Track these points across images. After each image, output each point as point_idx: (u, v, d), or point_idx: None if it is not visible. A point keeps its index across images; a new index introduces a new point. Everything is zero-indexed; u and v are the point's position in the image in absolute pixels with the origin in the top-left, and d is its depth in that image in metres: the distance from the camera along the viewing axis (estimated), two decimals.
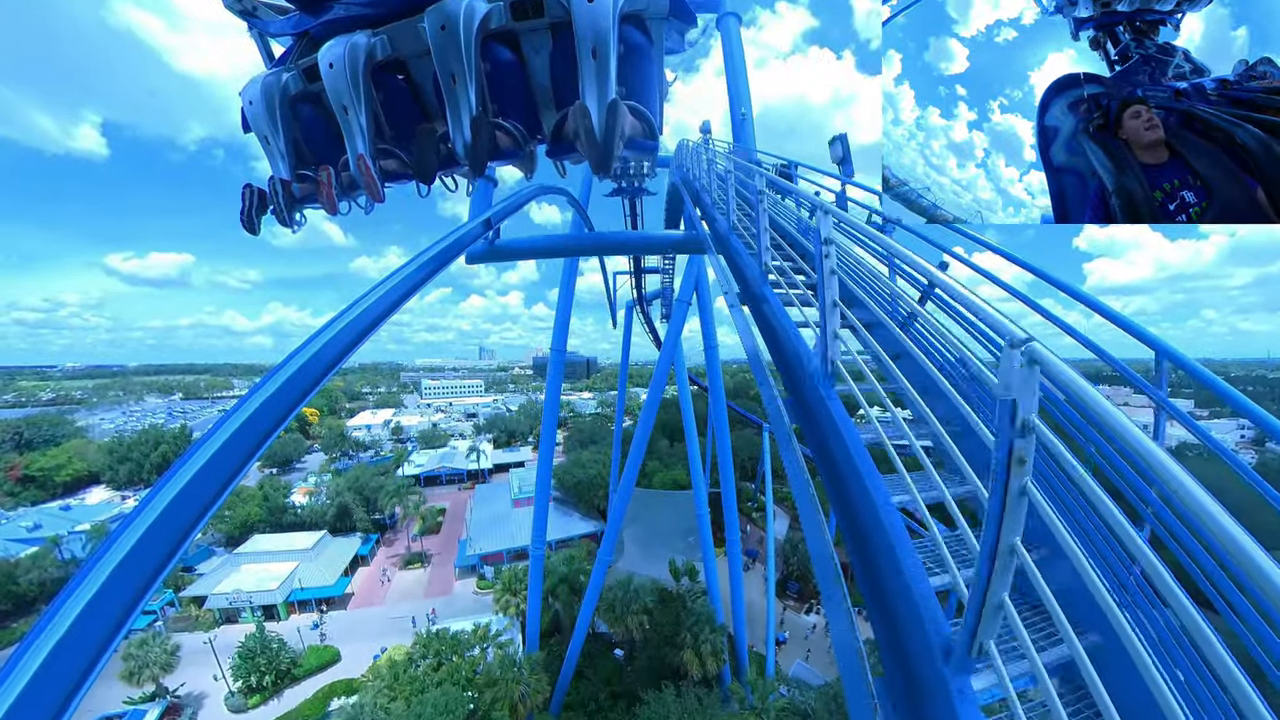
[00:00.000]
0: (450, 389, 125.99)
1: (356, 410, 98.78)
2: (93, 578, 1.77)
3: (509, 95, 2.55)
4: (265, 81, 2.73)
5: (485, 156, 2.42)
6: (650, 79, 2.61)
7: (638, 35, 2.47)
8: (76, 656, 1.64)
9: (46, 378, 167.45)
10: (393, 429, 78.88)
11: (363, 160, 2.56)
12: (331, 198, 2.74)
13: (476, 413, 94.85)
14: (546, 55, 2.51)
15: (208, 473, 2.15)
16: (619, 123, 2.23)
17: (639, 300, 30.90)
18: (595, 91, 2.29)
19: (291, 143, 2.82)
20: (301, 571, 35.42)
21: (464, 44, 2.28)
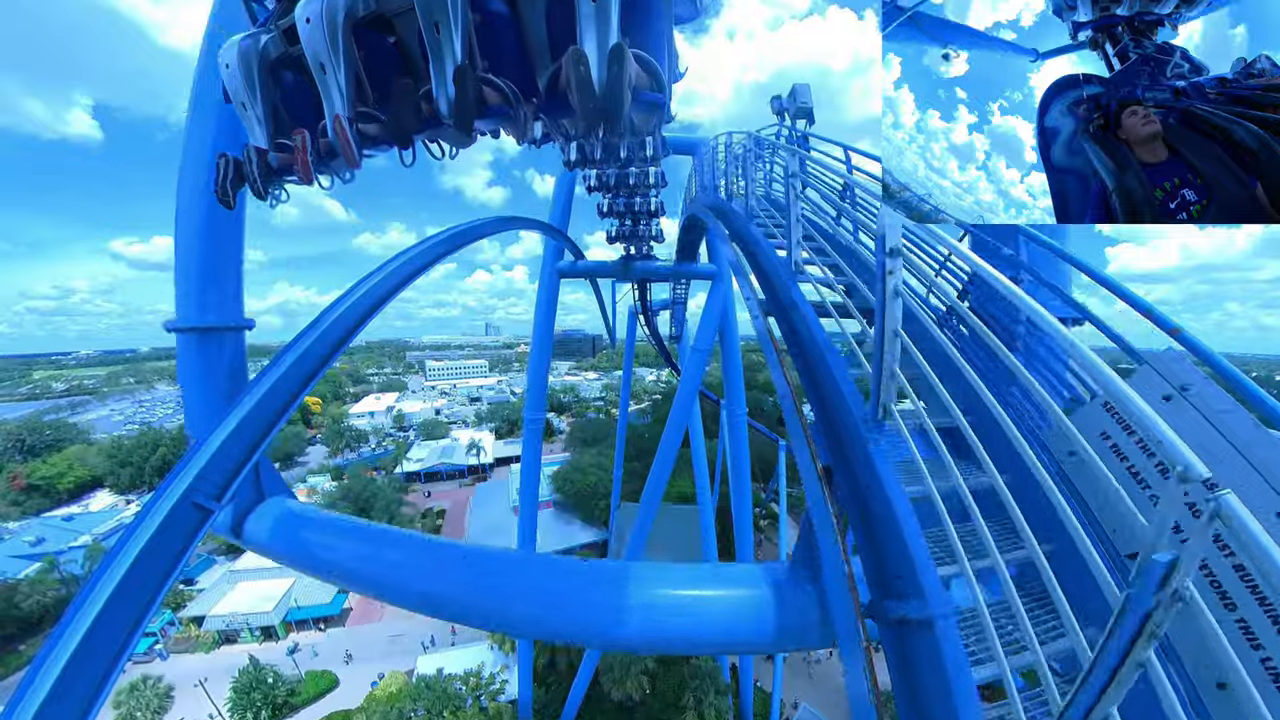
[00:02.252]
0: (455, 370, 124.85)
1: (361, 395, 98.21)
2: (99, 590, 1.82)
3: (501, 51, 2.27)
4: (242, 44, 2.47)
5: (470, 113, 2.13)
6: (659, 35, 2.25)
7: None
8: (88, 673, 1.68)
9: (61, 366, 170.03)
10: (395, 417, 78.00)
11: (339, 120, 2.27)
12: (307, 165, 2.43)
13: (480, 396, 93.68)
14: (542, 7, 2.22)
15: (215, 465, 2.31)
16: (625, 69, 1.91)
17: (644, 313, 27.47)
18: (594, 37, 1.99)
19: (270, 109, 2.55)
20: (298, 588, 34.80)
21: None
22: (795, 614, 3.01)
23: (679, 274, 16.12)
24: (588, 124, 2.08)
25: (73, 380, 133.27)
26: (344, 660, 29.98)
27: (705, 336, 15.09)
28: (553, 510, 39.76)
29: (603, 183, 10.63)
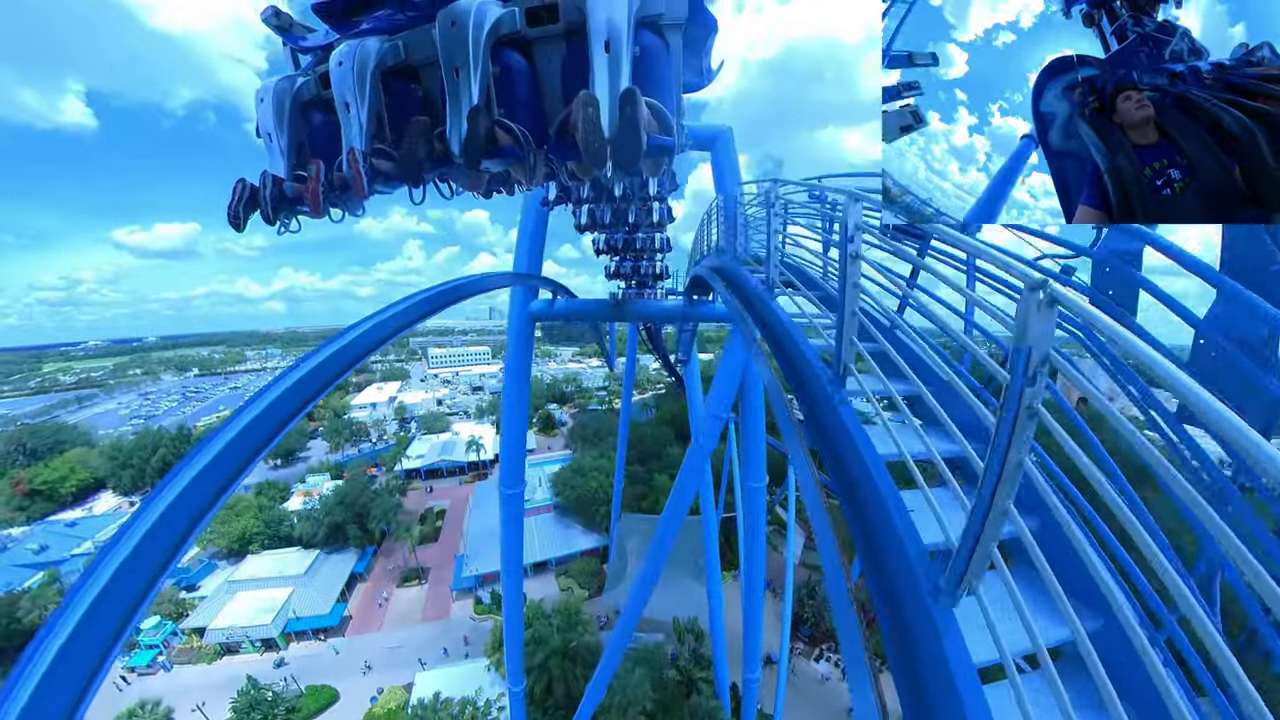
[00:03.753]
0: (457, 357, 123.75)
1: (363, 385, 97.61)
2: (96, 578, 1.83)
3: (516, 99, 2.38)
4: (278, 84, 2.71)
5: (479, 151, 2.22)
6: (667, 85, 2.36)
7: (654, 39, 2.30)
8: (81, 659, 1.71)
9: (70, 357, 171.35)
10: (396, 409, 77.30)
11: (354, 153, 2.39)
12: (316, 195, 2.53)
13: (482, 385, 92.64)
14: (559, 61, 2.39)
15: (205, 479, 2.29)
16: (639, 112, 2.02)
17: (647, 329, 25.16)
18: (606, 83, 2.15)
19: (294, 143, 2.75)
20: (296, 598, 34.40)
21: (471, 40, 2.20)
22: None
23: (687, 316, 12.51)
24: (592, 164, 2.13)
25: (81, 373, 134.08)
26: (362, 671, 29.55)
27: (722, 399, 11.46)
28: (553, 514, 38.77)
29: (596, 220, 9.49)
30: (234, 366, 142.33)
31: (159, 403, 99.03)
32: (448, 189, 2.97)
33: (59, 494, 50.69)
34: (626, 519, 34.09)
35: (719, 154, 12.35)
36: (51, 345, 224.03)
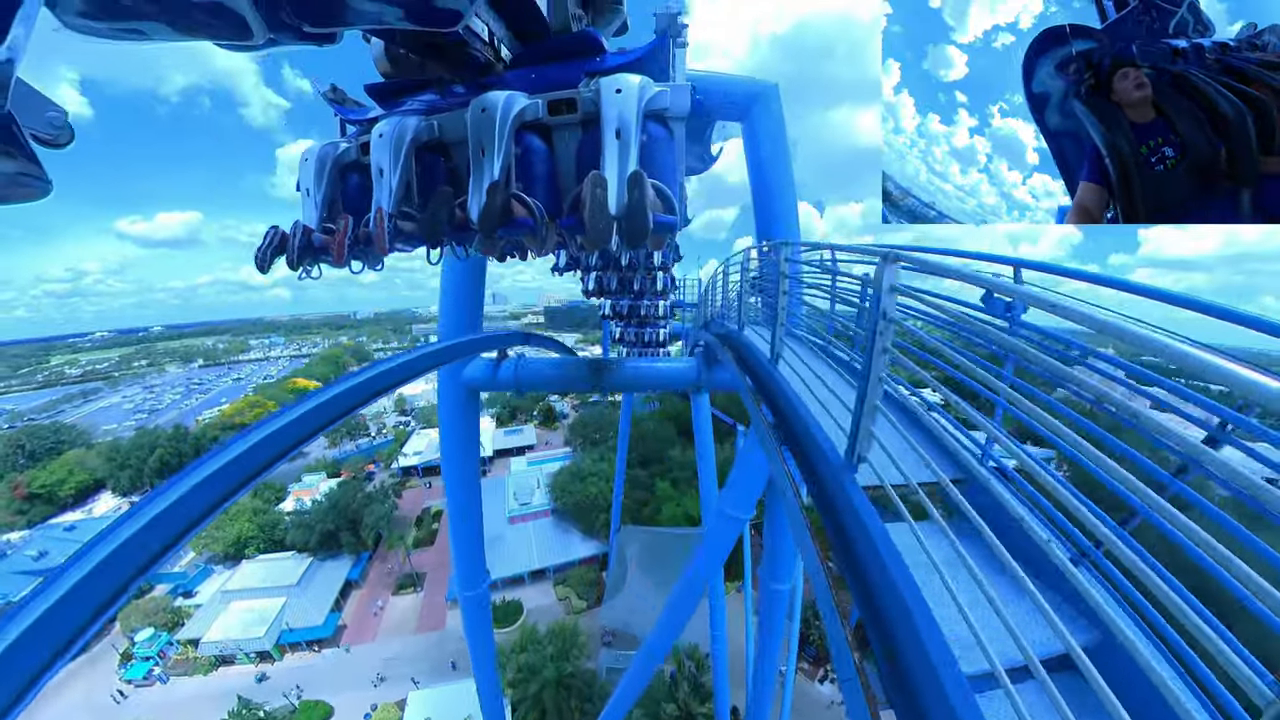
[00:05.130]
0: None
1: None
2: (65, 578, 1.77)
3: (533, 176, 2.62)
4: (323, 148, 2.96)
5: (495, 220, 2.41)
6: (671, 170, 2.55)
7: (660, 130, 2.53)
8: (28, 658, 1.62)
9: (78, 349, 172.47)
10: (396, 400, 76.22)
11: (381, 212, 2.61)
12: (341, 246, 2.69)
13: None
14: (574, 146, 2.63)
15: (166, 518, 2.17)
16: (645, 193, 2.21)
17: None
18: (616, 166, 2.37)
19: (328, 199, 2.97)
20: (290, 608, 33.68)
21: (499, 123, 2.45)
22: None
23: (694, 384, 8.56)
24: (597, 239, 2.25)
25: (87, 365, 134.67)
26: (373, 684, 28.80)
27: (740, 498, 7.84)
28: (551, 519, 37.44)
29: (603, 286, 10.05)
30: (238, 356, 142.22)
31: (162, 396, 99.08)
32: (463, 251, 3.25)
33: (58, 497, 50.39)
34: (627, 531, 32.56)
35: (757, 123, 7.86)
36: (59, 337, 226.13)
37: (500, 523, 37.90)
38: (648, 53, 2.80)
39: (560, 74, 2.71)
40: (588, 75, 2.66)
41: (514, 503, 38.58)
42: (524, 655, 23.14)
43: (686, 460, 35.34)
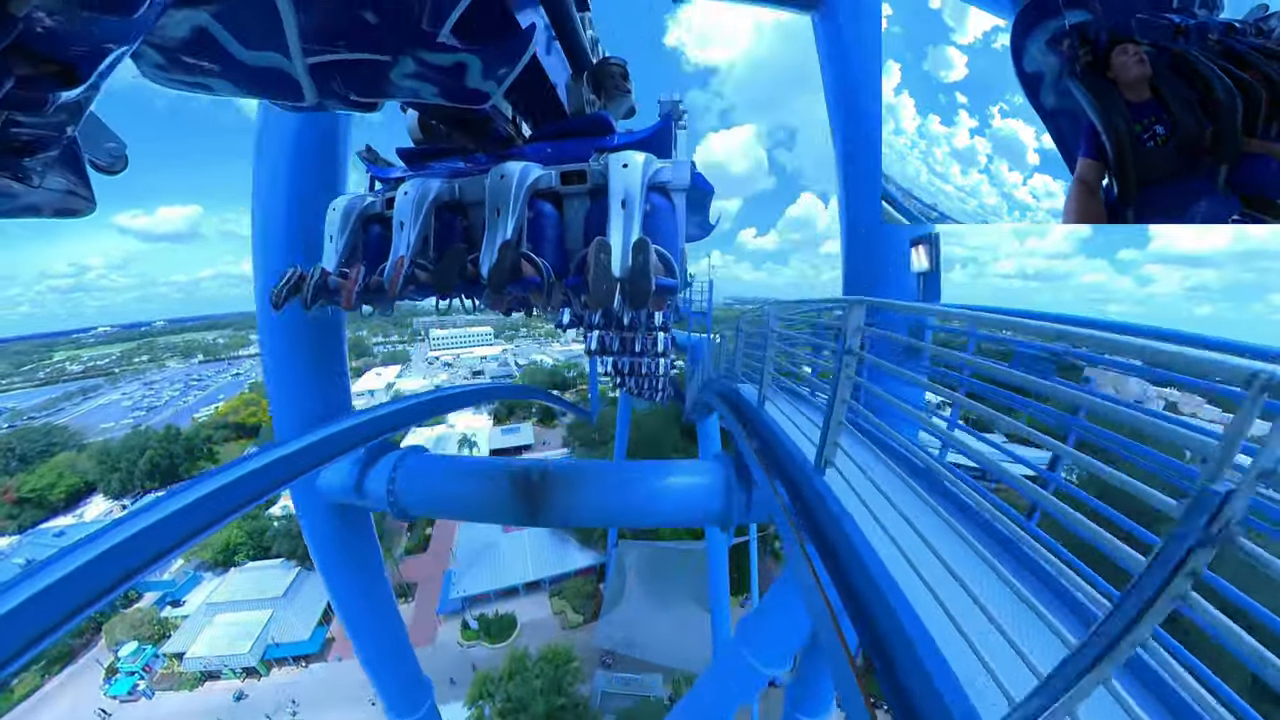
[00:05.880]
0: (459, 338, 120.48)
1: (362, 370, 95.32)
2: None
3: (544, 238, 2.77)
4: (351, 200, 3.20)
5: (504, 277, 2.54)
6: (672, 236, 2.71)
7: (662, 200, 2.68)
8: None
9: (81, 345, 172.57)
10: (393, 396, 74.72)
11: (401, 260, 2.75)
12: (350, 291, 2.85)
13: (483, 369, 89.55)
14: (583, 213, 2.81)
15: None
16: (649, 258, 2.32)
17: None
18: (621, 232, 2.49)
19: (348, 247, 3.17)
20: (277, 621, 32.46)
21: (514, 189, 2.64)
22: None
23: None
24: (599, 301, 2.34)
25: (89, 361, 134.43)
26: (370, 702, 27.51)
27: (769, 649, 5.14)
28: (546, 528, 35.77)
29: (605, 345, 10.73)
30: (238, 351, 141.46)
31: (161, 392, 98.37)
32: (471, 304, 3.33)
33: (48, 501, 49.47)
34: (625, 545, 30.89)
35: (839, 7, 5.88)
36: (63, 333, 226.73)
37: (494, 531, 36.34)
38: (653, 133, 3.02)
39: (573, 149, 2.94)
40: (598, 151, 2.86)
41: None
42: (513, 683, 21.58)
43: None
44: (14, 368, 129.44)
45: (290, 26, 1.42)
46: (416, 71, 1.75)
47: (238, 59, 1.47)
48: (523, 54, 1.94)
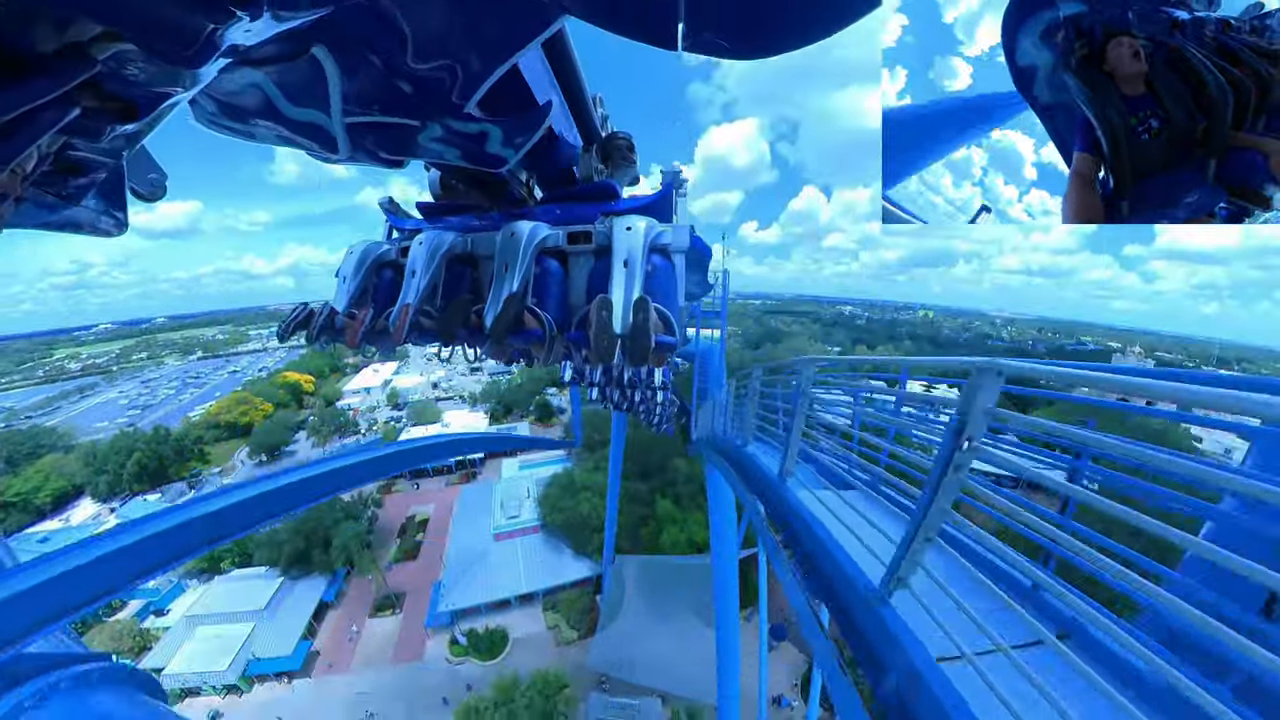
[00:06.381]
0: None
1: (360, 366, 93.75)
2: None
3: (548, 293, 2.86)
4: (368, 245, 3.27)
5: (506, 328, 2.62)
6: (673, 295, 2.77)
7: (663, 260, 2.77)
8: None
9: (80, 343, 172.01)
10: (389, 394, 73.15)
11: (408, 307, 2.82)
12: (355, 332, 2.91)
13: (481, 365, 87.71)
14: (587, 271, 2.88)
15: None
16: (649, 317, 2.38)
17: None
18: (623, 290, 2.55)
19: (359, 289, 3.20)
20: (259, 634, 30.96)
21: (523, 246, 2.74)
22: None
23: None
24: (600, 357, 2.39)
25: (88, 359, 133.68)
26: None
27: None
28: (541, 535, 34.01)
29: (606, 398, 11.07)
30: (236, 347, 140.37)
31: (158, 390, 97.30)
32: (474, 353, 3.47)
33: (33, 504, 48.22)
34: (622, 562, 29.01)
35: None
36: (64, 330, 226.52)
37: (485, 537, 34.59)
38: (655, 200, 3.19)
39: (581, 212, 3.09)
40: (603, 215, 3.01)
41: (501, 517, 35.15)
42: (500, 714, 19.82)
43: (693, 472, 31.44)
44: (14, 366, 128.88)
45: (335, 90, 1.63)
46: (443, 136, 2.02)
47: (284, 114, 1.69)
48: (539, 126, 2.26)
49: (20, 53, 0.88)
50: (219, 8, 0.90)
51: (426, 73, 1.60)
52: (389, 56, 1.54)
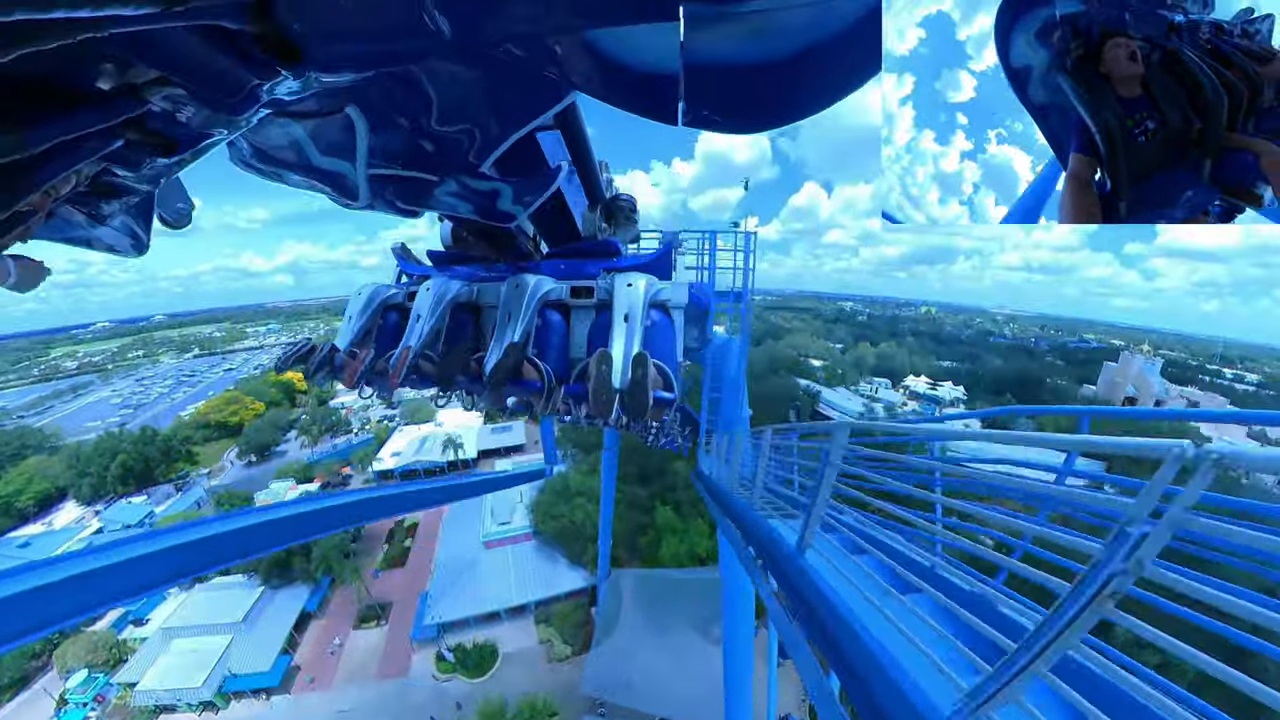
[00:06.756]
0: None
1: None
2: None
3: (548, 344, 2.91)
4: (377, 287, 3.34)
5: (504, 377, 2.64)
6: (671, 350, 2.85)
7: (662, 316, 2.84)
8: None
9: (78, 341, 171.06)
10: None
11: (408, 350, 2.87)
12: (354, 372, 2.92)
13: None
14: (588, 324, 2.94)
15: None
16: (648, 373, 2.40)
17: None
18: (622, 345, 2.58)
19: (363, 329, 3.25)
20: (236, 648, 29.42)
21: (527, 299, 2.80)
22: None
23: None
24: (598, 412, 2.39)
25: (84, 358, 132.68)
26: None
27: None
28: (533, 544, 32.23)
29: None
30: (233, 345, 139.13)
31: (151, 388, 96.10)
32: (471, 400, 3.47)
33: (15, 508, 46.84)
34: (619, 577, 27.15)
35: None
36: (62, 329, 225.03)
37: (475, 545, 32.84)
38: (656, 258, 3.18)
39: (584, 267, 3.14)
40: (605, 271, 3.01)
41: (491, 523, 33.38)
42: None
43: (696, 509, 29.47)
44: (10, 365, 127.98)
45: (362, 144, 1.77)
46: (458, 191, 2.18)
47: (313, 162, 1.86)
48: (549, 188, 2.46)
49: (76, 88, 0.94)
50: (266, 67, 1.00)
51: (448, 134, 1.76)
52: (415, 118, 1.70)
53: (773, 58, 1.04)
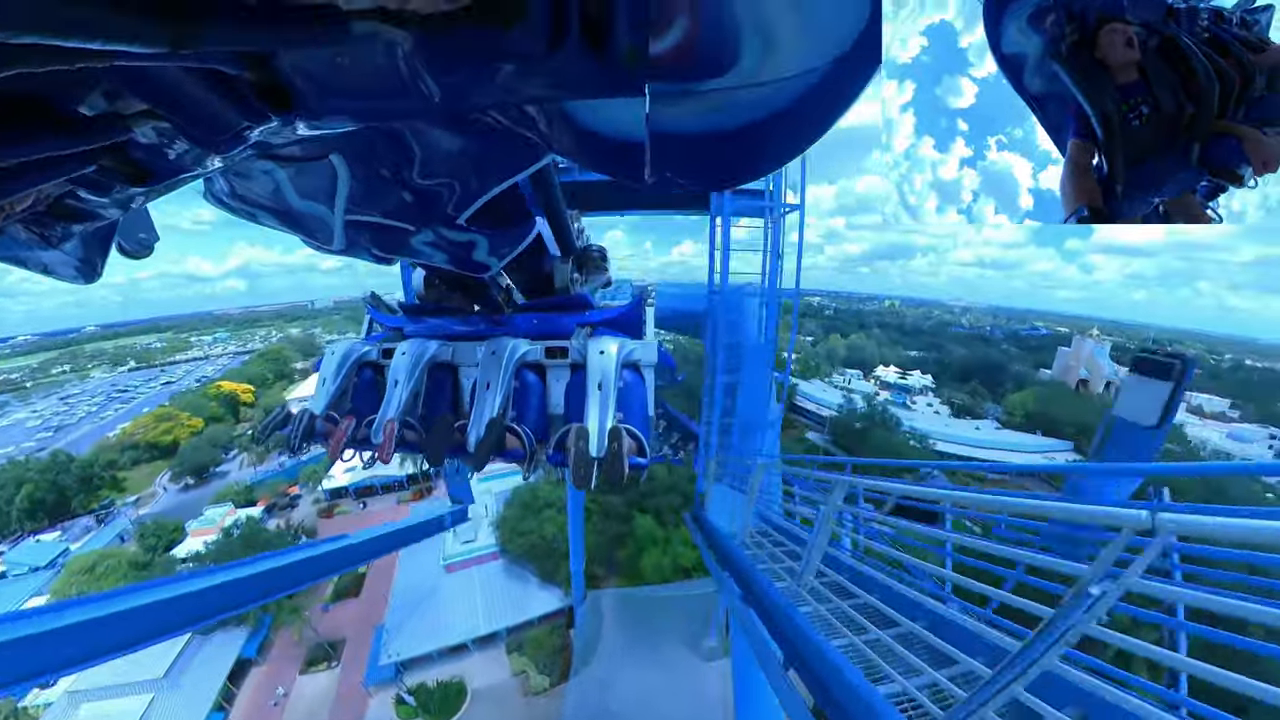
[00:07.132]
0: None
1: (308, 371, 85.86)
2: None
3: (527, 405, 3.01)
4: (350, 344, 3.37)
5: (488, 454, 2.72)
6: (642, 406, 2.95)
7: (634, 375, 2.96)
8: None
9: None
10: None
11: (391, 424, 2.88)
12: (337, 445, 2.92)
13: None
14: (565, 383, 3.05)
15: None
16: (622, 444, 2.50)
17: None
18: (597, 416, 2.65)
19: (339, 391, 3.24)
20: (158, 709, 25.45)
21: (504, 364, 2.91)
22: None
23: None
24: (579, 485, 2.49)
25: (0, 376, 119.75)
26: None
27: None
28: (501, 564, 29.36)
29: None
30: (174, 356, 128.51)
31: (77, 407, 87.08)
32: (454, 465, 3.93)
33: None
34: (596, 599, 24.72)
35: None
36: None
37: (435, 571, 29.70)
38: (626, 311, 3.34)
39: (556, 322, 3.26)
40: (579, 326, 3.17)
41: (454, 543, 30.27)
42: None
43: (674, 482, 27.30)
44: None
45: (342, 191, 1.77)
46: (434, 241, 2.19)
47: (290, 204, 1.84)
48: (524, 240, 2.57)
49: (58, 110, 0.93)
50: (258, 112, 1.00)
51: (428, 187, 1.80)
52: (397, 170, 1.73)
53: (729, 128, 1.08)
